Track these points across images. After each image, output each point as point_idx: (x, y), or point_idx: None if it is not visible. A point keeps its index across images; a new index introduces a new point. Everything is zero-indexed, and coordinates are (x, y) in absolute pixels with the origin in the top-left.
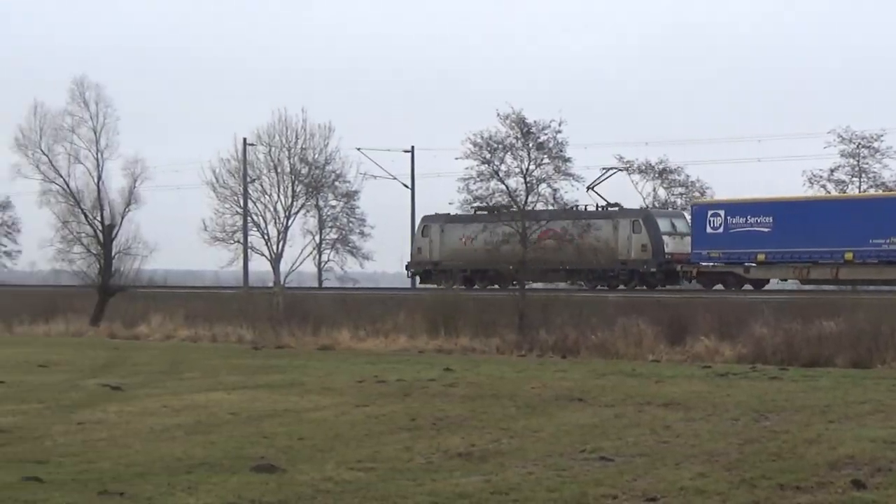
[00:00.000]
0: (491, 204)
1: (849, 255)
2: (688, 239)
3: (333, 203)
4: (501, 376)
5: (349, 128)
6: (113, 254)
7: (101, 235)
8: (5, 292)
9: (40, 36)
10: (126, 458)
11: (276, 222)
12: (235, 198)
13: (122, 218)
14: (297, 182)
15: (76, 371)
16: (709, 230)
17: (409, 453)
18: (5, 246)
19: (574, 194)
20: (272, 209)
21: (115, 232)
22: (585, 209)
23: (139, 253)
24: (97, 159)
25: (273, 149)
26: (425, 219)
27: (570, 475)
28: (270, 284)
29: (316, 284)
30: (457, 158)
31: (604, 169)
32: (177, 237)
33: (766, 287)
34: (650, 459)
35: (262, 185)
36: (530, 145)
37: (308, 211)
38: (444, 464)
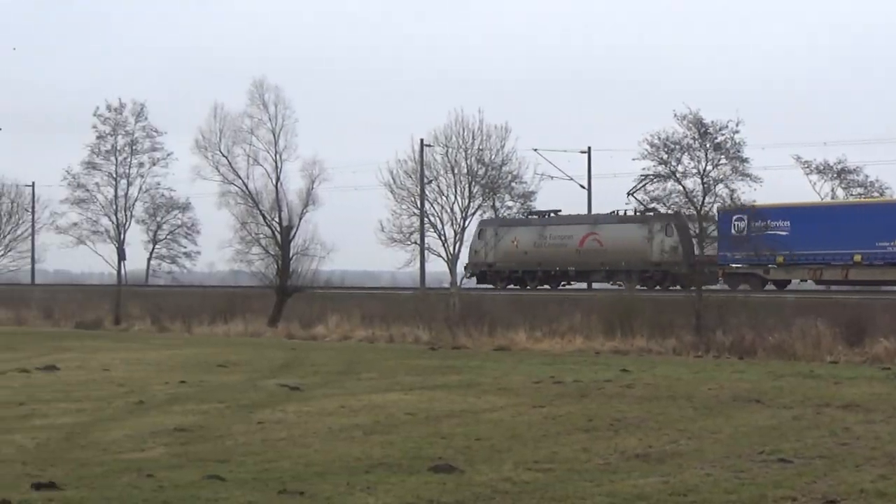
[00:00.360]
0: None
1: (857, 257)
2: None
3: (510, 204)
4: (678, 377)
5: (526, 129)
6: (291, 255)
7: (279, 236)
8: (185, 293)
9: (220, 37)
10: (305, 457)
11: (452, 223)
12: (412, 199)
13: (300, 219)
14: (473, 183)
15: (255, 371)
16: (733, 233)
17: (587, 454)
18: (185, 247)
19: (752, 195)
20: (449, 210)
21: (292, 233)
22: (625, 214)
23: (317, 254)
24: (276, 161)
25: (450, 150)
26: (481, 223)
27: (749, 477)
28: (446, 285)
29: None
30: (633, 159)
31: (642, 177)
32: (354, 238)
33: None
34: (829, 462)
35: (438, 186)
36: (707, 146)
37: (485, 212)
38: (622, 465)
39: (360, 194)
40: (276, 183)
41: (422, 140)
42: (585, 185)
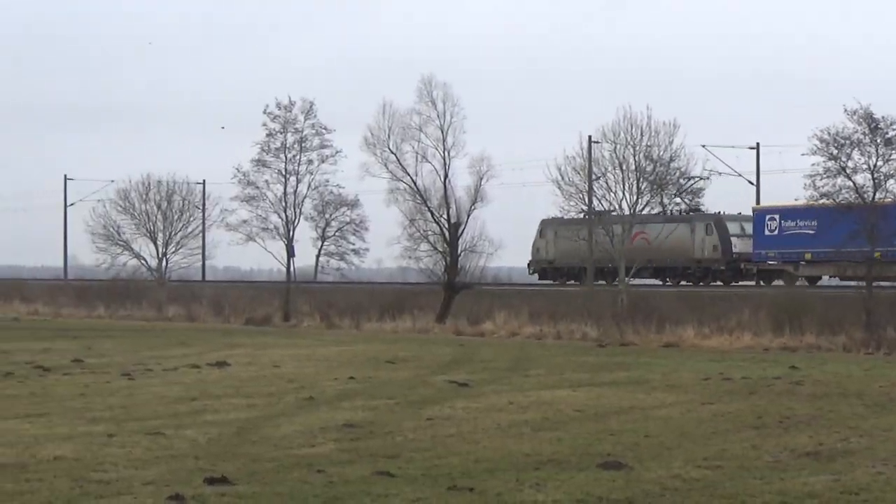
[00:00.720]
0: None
1: (877, 255)
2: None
3: (677, 200)
4: (849, 374)
5: (694, 125)
6: (459, 251)
7: (447, 233)
8: (354, 290)
9: (388, 37)
10: (474, 453)
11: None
12: (580, 195)
13: (468, 216)
14: (641, 179)
15: (423, 367)
16: (766, 233)
17: (757, 451)
18: (353, 244)
19: None
20: (617, 206)
21: (460, 230)
22: (671, 213)
23: (484, 250)
24: (444, 157)
25: (618, 146)
26: (542, 222)
27: None
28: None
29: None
30: (803, 154)
31: (689, 178)
32: (521, 235)
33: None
34: None
35: (606, 183)
36: (878, 141)
37: (653, 208)
38: (792, 463)
39: (528, 191)
40: (445, 180)
41: (590, 137)
42: (754, 181)
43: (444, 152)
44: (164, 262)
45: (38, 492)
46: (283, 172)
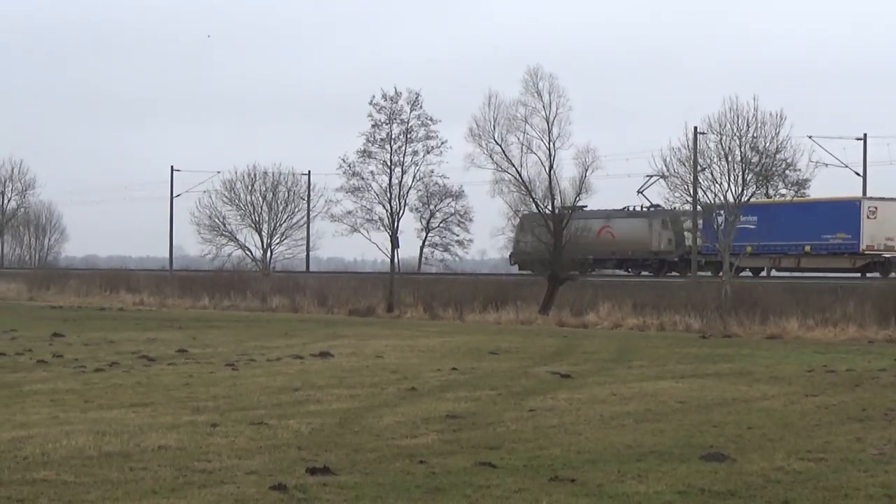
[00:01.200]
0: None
1: (808, 248)
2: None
3: (783, 192)
4: None
5: (800, 116)
6: (563, 242)
7: (551, 224)
8: (457, 281)
9: (492, 27)
10: (576, 445)
11: (725, 211)
12: (685, 187)
13: (573, 207)
14: (747, 171)
15: (526, 358)
16: (714, 227)
17: (861, 444)
18: (457, 235)
19: None
20: (722, 197)
21: (565, 221)
22: (634, 209)
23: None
24: (549, 149)
25: (724, 137)
26: (522, 217)
27: None
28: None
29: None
30: None
31: (647, 176)
32: None
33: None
34: None
35: (711, 174)
36: None
37: (758, 199)
38: None
39: (634, 182)
40: (550, 171)
41: (695, 128)
42: (860, 172)
43: (549, 143)
44: (268, 253)
45: (143, 480)
46: (389, 163)
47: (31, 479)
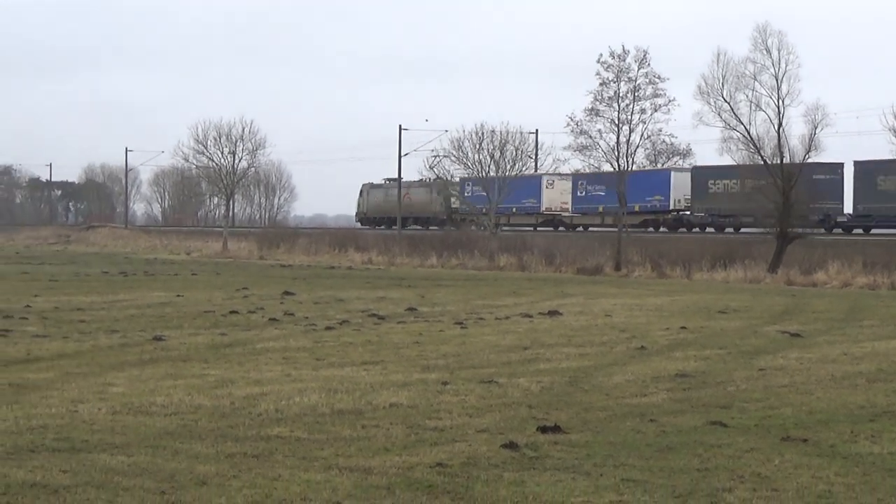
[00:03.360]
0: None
1: (514, 210)
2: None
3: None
4: None
5: None
6: (791, 201)
7: (780, 182)
8: (685, 239)
9: None
10: (807, 404)
11: None
12: None
13: (802, 165)
14: None
15: (754, 317)
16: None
17: None
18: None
19: None
20: None
21: (794, 179)
22: (424, 180)
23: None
24: (778, 106)
25: None
26: (363, 186)
27: None
28: None
29: None
30: None
31: (434, 156)
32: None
33: None
34: None
35: None
36: None
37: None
38: None
39: (865, 140)
40: (778, 129)
41: None
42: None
43: (778, 101)
44: (494, 212)
45: (375, 438)
46: (616, 122)
47: (265, 436)
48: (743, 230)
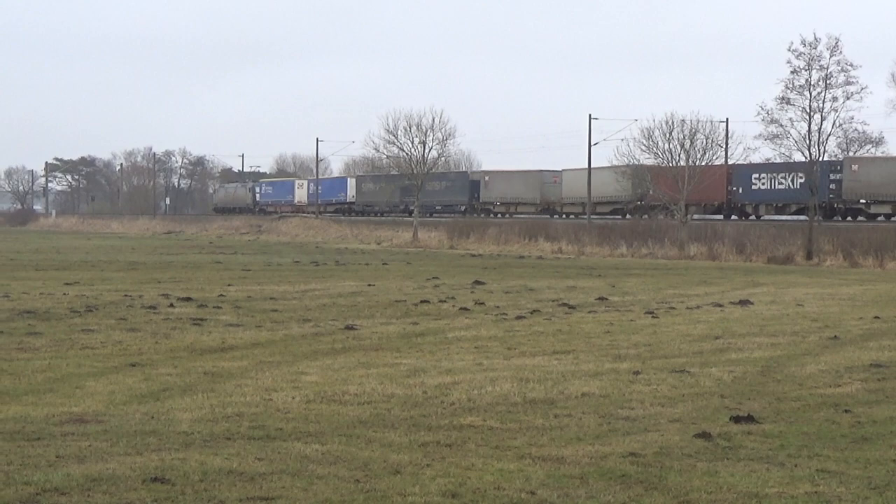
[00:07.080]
0: None
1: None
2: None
3: None
4: None
5: None
6: None
7: None
8: (878, 228)
9: None
10: None
11: None
12: None
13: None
14: None
15: None
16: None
17: None
18: None
19: None
20: None
21: None
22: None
23: None
24: None
25: None
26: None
27: None
28: None
29: None
30: None
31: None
32: None
33: None
34: None
35: None
36: None
37: None
38: None
39: None
40: None
41: None
42: None
43: None
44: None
45: (567, 427)
46: (808, 110)
47: (458, 425)
48: None
